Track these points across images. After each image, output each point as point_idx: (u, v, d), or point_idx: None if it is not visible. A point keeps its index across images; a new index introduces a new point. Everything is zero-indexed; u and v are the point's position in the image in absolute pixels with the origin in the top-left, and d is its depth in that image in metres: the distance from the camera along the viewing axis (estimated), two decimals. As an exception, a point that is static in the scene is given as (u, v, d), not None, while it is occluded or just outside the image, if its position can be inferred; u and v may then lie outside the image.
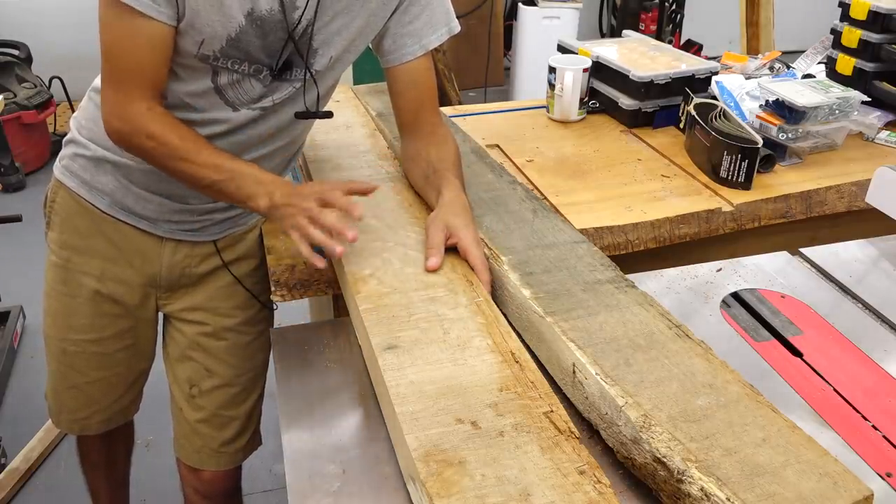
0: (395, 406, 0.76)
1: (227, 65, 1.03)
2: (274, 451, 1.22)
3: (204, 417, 1.27)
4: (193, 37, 0.98)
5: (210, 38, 0.98)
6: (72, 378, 1.30)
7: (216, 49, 1.00)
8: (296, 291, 1.15)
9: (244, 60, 1.03)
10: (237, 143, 1.10)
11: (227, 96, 1.06)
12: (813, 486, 0.65)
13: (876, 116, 1.63)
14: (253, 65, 1.04)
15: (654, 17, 4.44)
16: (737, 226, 1.34)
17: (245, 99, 1.07)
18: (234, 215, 1.21)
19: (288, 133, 1.15)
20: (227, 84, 1.05)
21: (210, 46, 1.00)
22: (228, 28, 0.98)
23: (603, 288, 0.94)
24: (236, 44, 1.00)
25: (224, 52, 1.01)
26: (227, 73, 1.04)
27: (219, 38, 0.99)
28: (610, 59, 1.70)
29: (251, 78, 1.05)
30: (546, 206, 1.16)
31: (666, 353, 0.82)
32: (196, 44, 0.99)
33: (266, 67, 1.05)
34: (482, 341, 0.85)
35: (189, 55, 1.01)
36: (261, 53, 1.03)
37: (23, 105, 3.54)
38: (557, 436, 0.72)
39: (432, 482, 0.67)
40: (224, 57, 1.02)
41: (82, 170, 1.18)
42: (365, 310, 0.91)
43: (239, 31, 0.99)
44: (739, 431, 0.71)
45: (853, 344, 1.00)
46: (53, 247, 1.24)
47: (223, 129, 1.08)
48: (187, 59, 1.01)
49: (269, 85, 1.07)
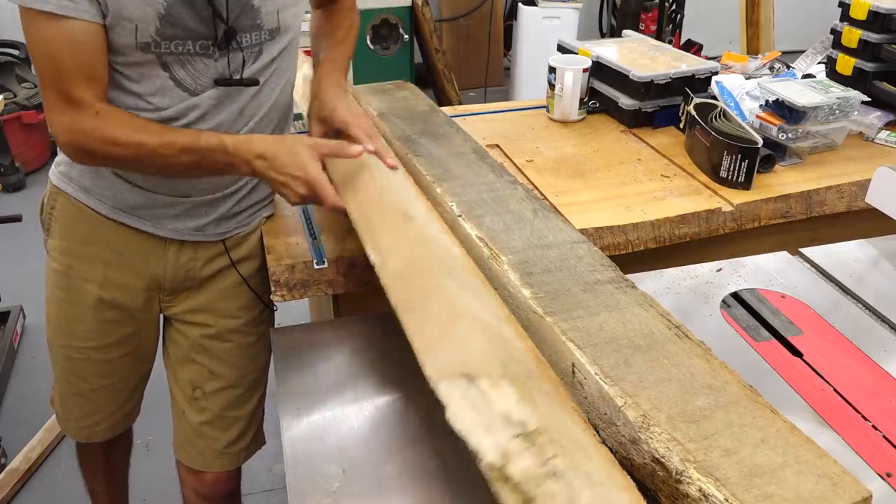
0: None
1: (170, 48, 1.01)
2: (274, 451, 1.23)
3: (208, 419, 1.27)
4: (126, 26, 0.97)
5: (141, 21, 0.97)
6: (77, 385, 1.30)
7: (152, 33, 0.99)
8: (296, 291, 1.15)
9: (186, 38, 1.02)
10: (220, 124, 1.09)
11: (184, 84, 1.05)
12: (812, 487, 0.65)
13: (876, 116, 1.63)
14: (197, 41, 1.03)
15: (654, 17, 4.44)
16: (737, 226, 1.34)
17: (203, 80, 1.06)
18: (238, 212, 1.21)
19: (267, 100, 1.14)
20: (178, 68, 1.04)
21: (146, 32, 0.99)
22: (155, 5, 0.97)
23: (603, 288, 0.93)
24: (169, 20, 0.99)
25: (161, 34, 1.00)
26: (175, 58, 1.03)
27: (151, 19, 0.98)
28: (610, 59, 1.70)
29: (200, 56, 1.04)
30: (546, 206, 1.16)
31: (665, 353, 0.82)
32: (131, 33, 0.98)
33: (209, 40, 1.04)
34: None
35: (130, 49, 1.00)
36: (198, 25, 1.02)
37: (23, 105, 3.54)
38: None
39: None
40: (164, 39, 1.00)
41: (81, 175, 1.17)
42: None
43: (166, 4, 0.98)
44: (738, 432, 0.71)
45: (853, 344, 1.00)
46: (54, 254, 1.23)
47: (196, 116, 1.07)
48: (131, 55, 1.01)
49: (219, 59, 1.06)
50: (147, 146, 1.00)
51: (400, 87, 1.63)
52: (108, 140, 0.99)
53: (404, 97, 1.58)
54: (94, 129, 0.99)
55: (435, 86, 4.04)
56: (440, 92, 4.01)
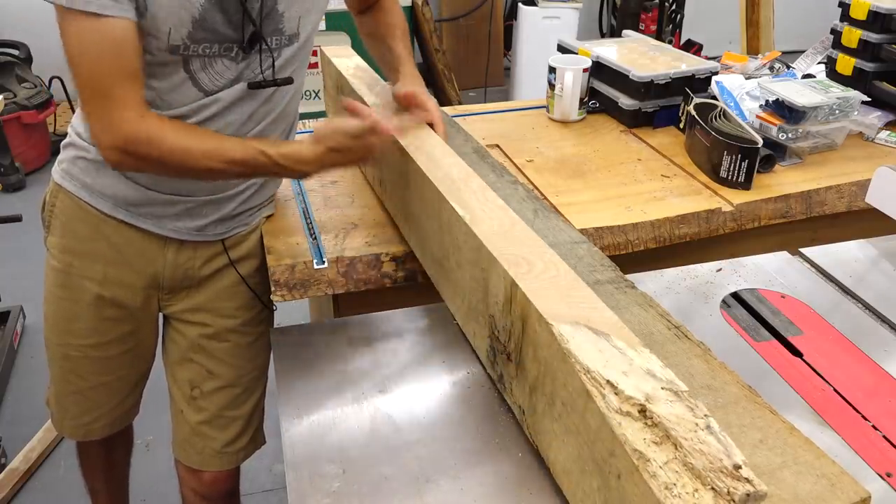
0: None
1: (197, 51, 1.02)
2: (274, 451, 1.23)
3: (206, 419, 1.27)
4: (160, 28, 0.97)
5: (176, 24, 0.97)
6: (75, 383, 1.29)
7: (184, 35, 0.99)
8: (296, 291, 1.15)
9: (213, 41, 1.02)
10: (228, 124, 1.09)
11: (202, 84, 1.06)
12: (810, 488, 0.65)
13: (876, 116, 1.63)
14: (223, 44, 1.03)
15: (654, 17, 4.44)
16: (737, 226, 1.34)
17: (221, 81, 1.07)
18: (239, 213, 1.21)
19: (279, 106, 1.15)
20: (199, 69, 1.04)
21: (178, 34, 0.98)
22: (191, 10, 0.97)
23: (603, 288, 0.93)
24: (202, 24, 0.99)
25: (192, 37, 1.00)
26: (199, 59, 1.03)
27: (185, 23, 0.98)
28: (610, 59, 1.70)
29: (222, 58, 1.05)
30: (546, 206, 1.16)
31: (665, 353, 0.82)
32: (164, 35, 0.98)
33: (235, 43, 1.04)
34: None
35: (160, 50, 0.99)
36: (227, 29, 1.02)
37: (23, 105, 3.54)
38: None
39: None
40: (193, 42, 1.00)
41: (83, 173, 1.16)
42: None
43: (202, 9, 0.98)
44: (737, 432, 0.71)
45: (853, 344, 1.00)
46: (54, 251, 1.23)
47: (210, 115, 1.07)
48: (159, 55, 1.00)
49: (241, 61, 1.06)
50: (194, 152, 1.00)
51: (400, 87, 1.63)
52: (150, 140, 0.97)
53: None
54: (140, 132, 0.97)
55: (435, 86, 4.04)
56: (440, 92, 4.01)
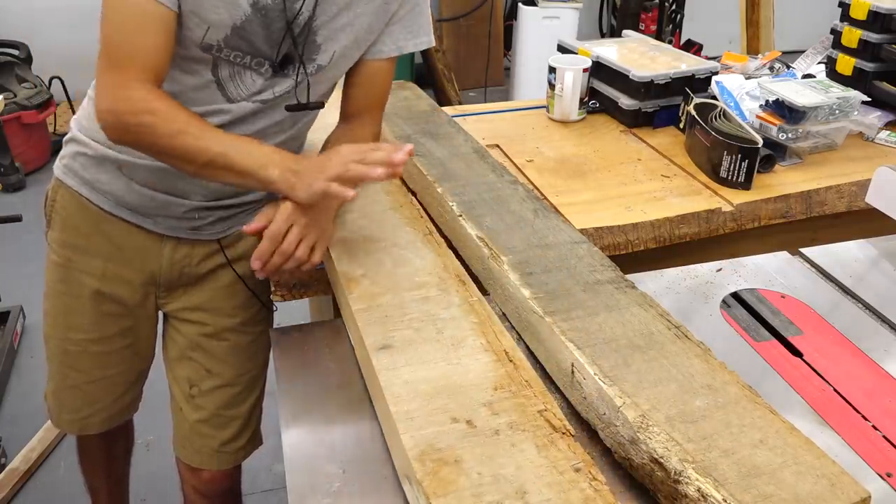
0: (391, 405, 0.76)
1: (229, 56, 1.03)
2: (274, 450, 1.22)
3: (204, 417, 1.27)
4: (198, 24, 0.98)
5: (216, 25, 0.98)
6: (73, 378, 1.30)
7: (220, 38, 1.00)
8: (296, 291, 1.15)
9: (247, 52, 1.03)
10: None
11: (226, 90, 1.06)
12: (810, 488, 0.65)
13: (876, 116, 1.63)
14: (255, 57, 1.04)
15: (654, 17, 4.44)
16: (737, 226, 1.34)
17: (245, 92, 1.07)
18: (236, 213, 1.21)
19: (290, 127, 1.15)
20: (227, 77, 1.05)
21: (214, 35, 0.99)
22: (234, 16, 0.98)
23: (602, 288, 0.94)
24: (241, 33, 1.00)
25: (228, 42, 1.01)
26: (228, 65, 1.04)
27: (224, 27, 0.99)
28: (610, 59, 1.70)
29: (252, 71, 1.05)
30: (546, 206, 1.16)
31: (665, 353, 0.82)
32: (201, 32, 0.99)
33: (267, 60, 1.05)
34: (476, 341, 0.86)
35: (193, 45, 1.00)
36: (264, 44, 1.03)
37: (23, 105, 3.54)
38: (552, 434, 0.72)
39: (429, 481, 0.67)
40: (227, 47, 1.01)
41: (83, 168, 1.18)
42: (358, 310, 0.92)
43: (244, 19, 0.99)
44: (737, 432, 0.71)
45: (853, 344, 1.00)
46: (54, 246, 1.24)
47: (223, 122, 1.08)
48: (190, 50, 1.01)
49: (269, 79, 1.07)
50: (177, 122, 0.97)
51: (401, 87, 1.63)
52: (148, 110, 0.96)
53: (405, 97, 1.58)
54: (140, 103, 0.96)
55: (435, 86, 4.04)
56: (440, 92, 4.01)
